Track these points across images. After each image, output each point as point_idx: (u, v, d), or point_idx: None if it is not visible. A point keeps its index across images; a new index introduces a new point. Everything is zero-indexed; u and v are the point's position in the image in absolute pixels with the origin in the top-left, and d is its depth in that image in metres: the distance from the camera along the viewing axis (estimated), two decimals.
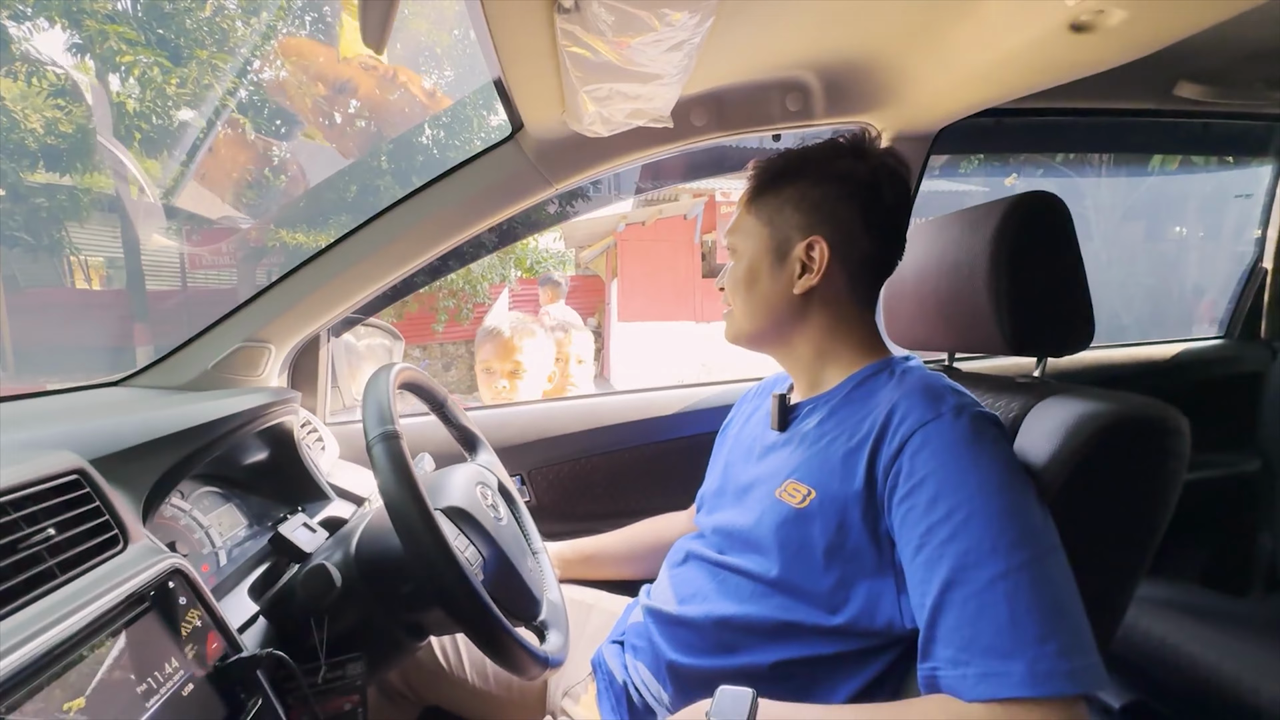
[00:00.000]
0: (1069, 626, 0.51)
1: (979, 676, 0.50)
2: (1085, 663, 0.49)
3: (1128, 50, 0.82)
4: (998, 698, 0.49)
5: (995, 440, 0.59)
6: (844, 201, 0.73)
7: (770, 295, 0.76)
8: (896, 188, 0.74)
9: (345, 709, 0.67)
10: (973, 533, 0.54)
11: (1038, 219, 0.71)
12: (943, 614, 0.54)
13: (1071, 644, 0.50)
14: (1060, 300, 0.72)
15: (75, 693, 0.37)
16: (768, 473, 0.74)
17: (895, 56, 0.98)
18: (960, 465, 0.57)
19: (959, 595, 0.53)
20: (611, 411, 1.30)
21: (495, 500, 0.81)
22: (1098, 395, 0.65)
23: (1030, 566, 0.52)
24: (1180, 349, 1.50)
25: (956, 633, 0.52)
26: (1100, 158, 3.58)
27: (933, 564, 0.55)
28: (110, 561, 0.44)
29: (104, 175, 7.07)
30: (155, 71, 6.64)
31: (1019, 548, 0.52)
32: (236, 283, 8.19)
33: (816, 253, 0.72)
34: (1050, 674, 0.48)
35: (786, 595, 0.66)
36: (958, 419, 0.60)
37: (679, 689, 0.71)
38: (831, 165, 0.74)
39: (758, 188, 0.78)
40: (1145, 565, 0.62)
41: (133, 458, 0.58)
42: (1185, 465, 0.61)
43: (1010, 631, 0.50)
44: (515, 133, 1.02)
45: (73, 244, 7.76)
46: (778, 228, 0.75)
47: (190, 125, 7.31)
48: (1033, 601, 0.50)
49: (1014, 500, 0.55)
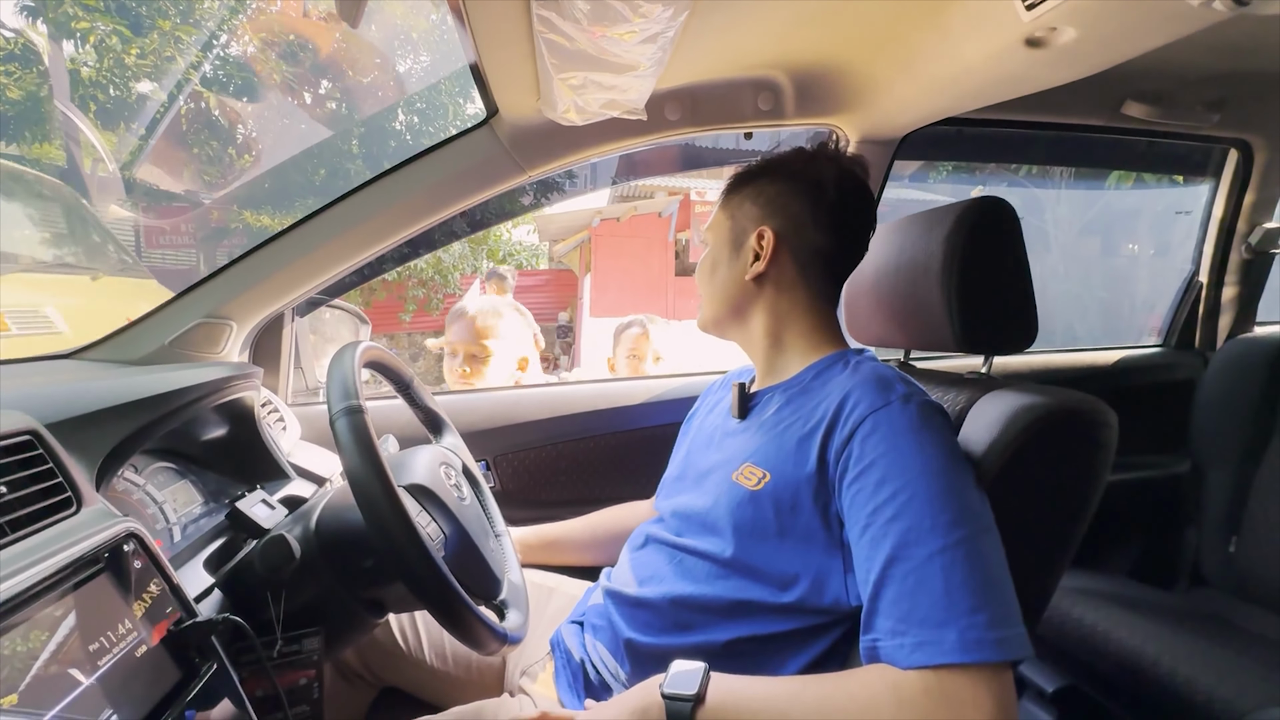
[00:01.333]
0: (998, 599, 0.54)
1: (914, 645, 0.53)
2: (1012, 633, 0.53)
3: (1078, 67, 0.87)
4: (931, 664, 0.52)
5: (939, 428, 0.63)
6: (796, 197, 0.79)
7: (726, 281, 0.82)
8: (846, 186, 0.79)
9: (301, 683, 0.67)
10: (914, 512, 0.57)
11: (989, 223, 0.75)
12: (884, 588, 0.57)
13: (1000, 615, 0.53)
14: (1007, 300, 0.76)
15: (27, 647, 0.37)
16: (726, 457, 0.77)
17: (863, 63, 1.01)
18: (906, 450, 0.60)
19: (899, 570, 0.56)
20: (578, 400, 1.31)
21: (459, 481, 0.82)
22: (1036, 390, 0.69)
23: (965, 544, 0.55)
24: (1121, 355, 1.58)
25: (895, 605, 0.55)
26: (1061, 174, 3.73)
27: (877, 541, 0.58)
28: (63, 523, 0.44)
29: (55, 146, 6.75)
30: (114, 40, 6.37)
31: (956, 526, 0.56)
32: (196, 263, 7.91)
33: (765, 241, 0.78)
34: (980, 642, 0.51)
35: (741, 575, 0.69)
36: (905, 406, 0.63)
37: (636, 666, 0.73)
38: (789, 165, 0.81)
39: (728, 189, 0.86)
40: (1073, 546, 0.67)
41: (87, 424, 0.57)
42: (1112, 456, 0.66)
43: (944, 603, 0.53)
44: (490, 118, 1.02)
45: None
46: (737, 220, 0.82)
47: (150, 98, 7.03)
48: (966, 576, 0.54)
49: (953, 483, 0.58)
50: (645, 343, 1.77)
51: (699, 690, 0.57)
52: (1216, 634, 1.11)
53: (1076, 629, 1.14)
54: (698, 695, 0.56)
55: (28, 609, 0.38)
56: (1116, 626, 1.10)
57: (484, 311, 1.58)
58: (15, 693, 0.36)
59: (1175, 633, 1.07)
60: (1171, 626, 1.09)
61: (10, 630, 0.37)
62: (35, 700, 0.37)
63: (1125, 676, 1.04)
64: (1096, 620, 1.13)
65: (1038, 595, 0.68)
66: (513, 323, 1.61)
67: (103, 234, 3.63)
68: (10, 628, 0.37)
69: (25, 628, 0.38)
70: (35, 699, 0.37)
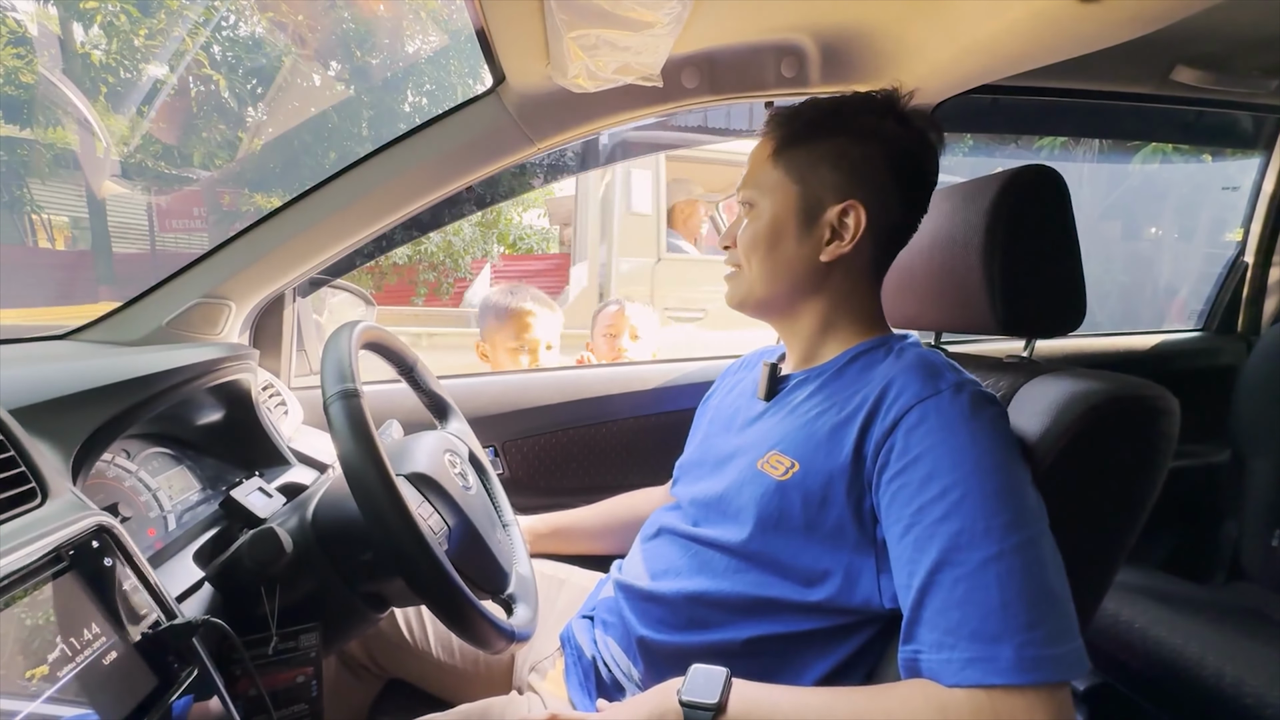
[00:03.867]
0: (1058, 612, 0.49)
1: (964, 662, 0.48)
2: (1070, 648, 0.48)
3: (1134, 25, 0.80)
4: (983, 684, 0.47)
5: (994, 419, 0.57)
6: (885, 166, 0.67)
7: (793, 260, 0.70)
8: (933, 159, 0.70)
9: (298, 681, 0.63)
10: (967, 513, 0.51)
11: (1036, 193, 0.69)
12: (930, 596, 0.51)
13: (1059, 630, 0.48)
14: (1054, 278, 0.70)
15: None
16: (749, 443, 0.71)
17: (896, 23, 0.94)
18: (957, 443, 0.54)
19: (948, 577, 0.51)
20: (590, 384, 1.26)
21: (464, 469, 0.77)
22: (1089, 375, 0.63)
23: (1023, 550, 0.50)
24: (1159, 340, 1.51)
25: (943, 615, 0.50)
26: (1085, 153, 3.60)
27: (923, 544, 0.53)
28: (24, 516, 0.40)
29: (68, 130, 6.76)
30: (122, 20, 6.34)
31: (1013, 530, 0.50)
32: (209, 246, 7.93)
33: (852, 219, 0.67)
34: (1037, 661, 0.46)
35: (763, 570, 0.64)
36: (957, 396, 0.57)
37: (649, 665, 0.69)
38: (874, 124, 0.68)
39: (787, 138, 0.70)
40: (1129, 545, 0.62)
41: (61, 409, 0.54)
42: (1174, 446, 0.60)
43: (1000, 616, 0.48)
44: (497, 86, 0.97)
45: (34, 201, 7.43)
46: (810, 186, 0.68)
47: (160, 81, 7.02)
48: (1024, 586, 0.49)
49: (1010, 480, 0.53)
50: (622, 319, 1.72)
51: (720, 699, 0.52)
52: (1259, 631, 1.06)
53: (1110, 624, 1.08)
54: (719, 704, 0.52)
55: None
56: (1153, 623, 1.05)
57: (541, 321, 1.55)
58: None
59: (1216, 630, 1.02)
60: (1211, 623, 1.04)
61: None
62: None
63: (1164, 675, 0.99)
64: (1132, 616, 1.07)
65: (1091, 598, 0.63)
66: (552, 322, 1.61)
67: None
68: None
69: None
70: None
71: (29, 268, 7.45)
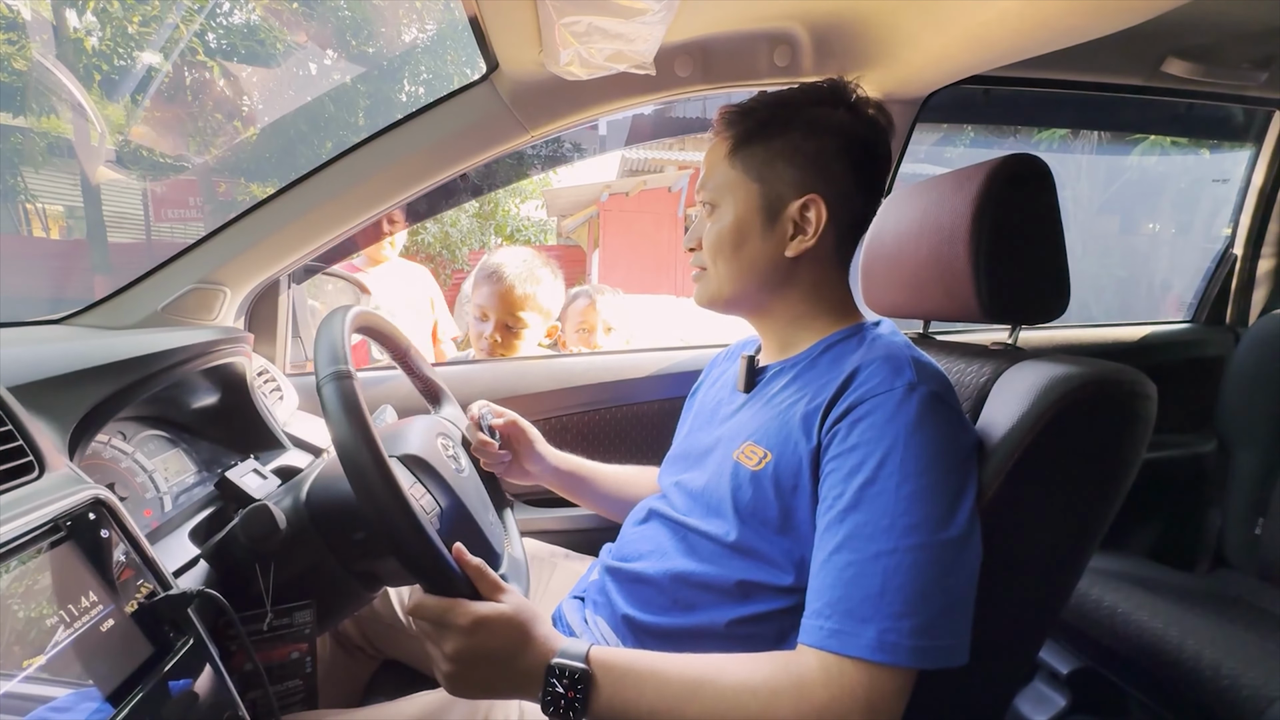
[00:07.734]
0: (935, 609, 0.52)
1: (830, 631, 0.53)
2: (939, 644, 0.51)
3: (1124, 15, 0.81)
4: (838, 653, 0.52)
5: (938, 425, 0.57)
6: (839, 157, 0.68)
7: (759, 258, 0.70)
8: (885, 144, 0.72)
9: (292, 657, 0.65)
10: (876, 508, 0.54)
11: (1022, 180, 0.70)
12: (824, 571, 0.56)
13: (931, 625, 0.51)
14: (1039, 266, 0.71)
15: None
16: (728, 434, 0.73)
17: (888, 13, 0.95)
18: (890, 442, 0.56)
19: (842, 559, 0.55)
20: (583, 372, 1.27)
21: (457, 452, 0.79)
22: (1070, 360, 0.64)
23: (918, 552, 0.52)
24: (1147, 331, 1.52)
25: (829, 590, 0.54)
26: (1084, 145, 3.60)
27: (832, 527, 0.57)
28: (23, 488, 0.41)
29: (62, 118, 6.70)
30: (115, 6, 6.27)
31: (915, 532, 0.53)
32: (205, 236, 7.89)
33: (813, 213, 0.68)
34: (896, 646, 0.50)
35: (745, 557, 0.66)
36: (908, 396, 0.58)
37: (637, 643, 0.70)
38: (825, 116, 0.69)
39: (741, 136, 0.71)
40: (1104, 527, 0.63)
41: (57, 387, 0.54)
42: (1150, 430, 0.61)
43: (875, 602, 0.52)
44: (490, 73, 0.97)
45: (29, 190, 7.38)
46: (769, 184, 0.69)
47: (155, 69, 6.96)
48: (906, 581, 0.52)
49: (930, 485, 0.55)
50: (593, 314, 1.69)
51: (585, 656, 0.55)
52: (1240, 617, 1.08)
53: (1094, 610, 1.10)
54: (584, 654, 0.55)
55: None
56: (1136, 608, 1.06)
57: (522, 278, 1.38)
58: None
59: (1199, 616, 1.04)
60: (1194, 609, 1.06)
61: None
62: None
63: (1145, 659, 1.01)
64: (1115, 601, 1.09)
65: (1066, 577, 0.65)
66: (551, 292, 1.44)
67: None
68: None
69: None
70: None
71: (23, 257, 7.41)
